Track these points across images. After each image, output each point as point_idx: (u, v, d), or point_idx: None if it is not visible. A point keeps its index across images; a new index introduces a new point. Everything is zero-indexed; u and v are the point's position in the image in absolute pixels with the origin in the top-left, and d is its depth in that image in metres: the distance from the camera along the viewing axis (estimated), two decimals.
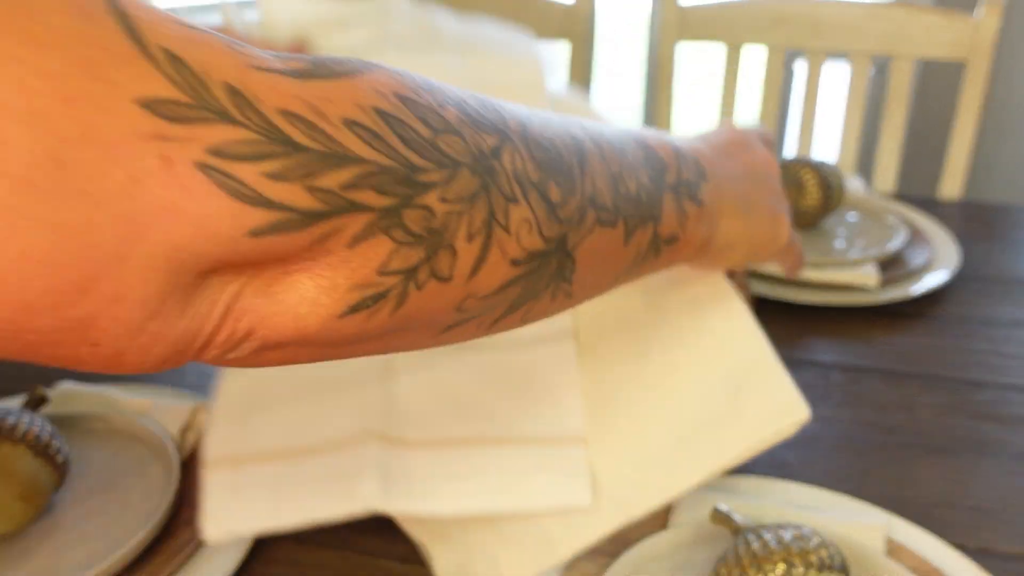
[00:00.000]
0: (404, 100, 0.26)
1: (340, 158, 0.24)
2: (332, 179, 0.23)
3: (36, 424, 0.54)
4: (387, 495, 0.48)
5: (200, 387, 0.71)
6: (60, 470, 0.55)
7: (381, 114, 0.25)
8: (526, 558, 0.48)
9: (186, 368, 0.74)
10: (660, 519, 0.56)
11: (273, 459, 0.50)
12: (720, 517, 0.51)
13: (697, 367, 0.50)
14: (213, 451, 0.50)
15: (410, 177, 0.25)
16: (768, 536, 0.47)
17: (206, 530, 0.49)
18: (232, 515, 0.49)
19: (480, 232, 0.27)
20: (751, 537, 0.47)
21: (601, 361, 0.52)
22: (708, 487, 0.58)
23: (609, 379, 0.51)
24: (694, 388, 0.50)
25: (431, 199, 0.26)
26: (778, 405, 0.48)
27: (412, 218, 0.25)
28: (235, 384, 0.54)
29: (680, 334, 0.51)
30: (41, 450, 0.54)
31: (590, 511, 0.50)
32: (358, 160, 0.24)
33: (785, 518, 0.55)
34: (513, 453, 0.50)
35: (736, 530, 0.50)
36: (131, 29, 0.21)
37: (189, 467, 0.60)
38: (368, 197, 0.24)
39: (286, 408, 0.52)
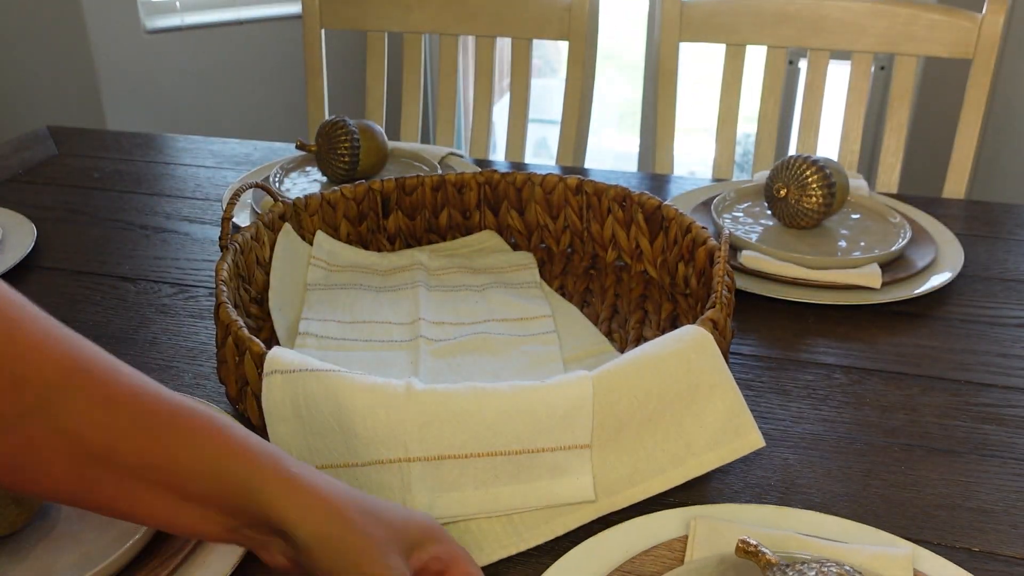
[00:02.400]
0: None
1: None
2: None
3: None
4: (430, 510, 0.55)
5: (196, 388, 0.71)
6: None
7: None
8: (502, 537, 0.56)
9: (183, 369, 0.73)
10: (677, 554, 0.53)
11: (328, 469, 0.56)
12: (748, 550, 0.47)
13: (679, 403, 0.59)
14: None
15: None
16: (810, 573, 0.44)
17: None
18: None
19: None
20: (790, 573, 0.45)
21: (610, 394, 0.58)
22: (723, 517, 0.55)
23: (615, 410, 0.58)
24: (674, 417, 0.59)
25: None
26: (736, 431, 0.59)
27: None
28: (284, 404, 0.57)
29: (672, 383, 0.59)
30: None
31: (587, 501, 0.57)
32: None
33: (809, 550, 0.52)
34: (530, 459, 0.56)
35: (766, 565, 0.47)
36: None
37: None
38: None
39: (335, 428, 0.56)
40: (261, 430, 0.59)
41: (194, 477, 0.41)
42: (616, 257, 0.89)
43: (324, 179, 1.08)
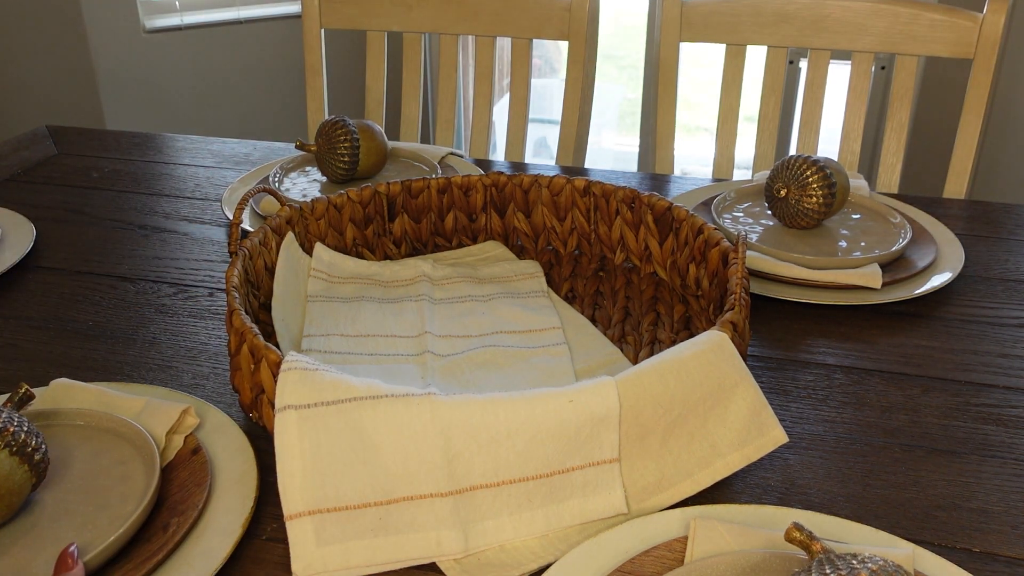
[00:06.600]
0: None
1: None
2: None
3: (13, 422, 0.54)
4: (466, 542, 0.54)
5: (195, 388, 0.71)
6: (37, 469, 0.54)
7: None
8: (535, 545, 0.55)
9: (182, 369, 0.73)
10: (677, 554, 0.53)
11: (352, 510, 0.54)
12: (800, 537, 0.46)
13: (702, 406, 0.59)
14: (294, 506, 0.53)
15: None
16: (856, 564, 0.43)
17: (296, 573, 0.53)
18: (322, 561, 0.53)
19: None
20: (839, 564, 0.43)
21: (634, 403, 0.58)
22: (723, 518, 0.55)
23: (640, 419, 0.58)
24: (698, 420, 0.59)
25: None
26: (760, 430, 0.60)
27: None
28: (301, 444, 0.55)
29: (694, 387, 0.59)
30: (17, 449, 0.53)
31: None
32: None
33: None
34: (561, 480, 0.56)
35: (816, 552, 0.46)
36: None
37: (171, 471, 0.59)
38: None
39: (357, 466, 0.55)
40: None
41: None
42: (624, 259, 0.88)
43: (324, 179, 1.08)
